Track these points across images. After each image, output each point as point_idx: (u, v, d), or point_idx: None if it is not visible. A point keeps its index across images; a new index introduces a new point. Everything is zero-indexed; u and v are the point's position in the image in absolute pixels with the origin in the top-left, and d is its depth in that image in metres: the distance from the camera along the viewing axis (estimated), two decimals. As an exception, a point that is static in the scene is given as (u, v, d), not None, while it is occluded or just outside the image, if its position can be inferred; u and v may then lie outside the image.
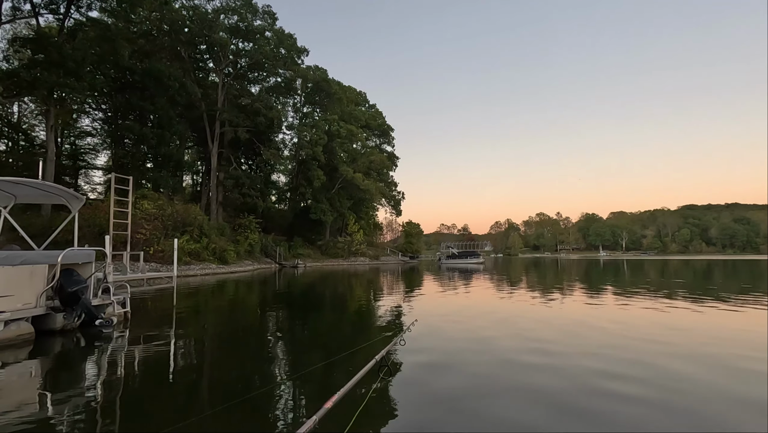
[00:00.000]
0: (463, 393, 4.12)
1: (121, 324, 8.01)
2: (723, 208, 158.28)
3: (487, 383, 4.48)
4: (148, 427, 3.61)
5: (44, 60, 22.76)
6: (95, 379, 4.99)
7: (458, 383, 4.45)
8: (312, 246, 49.10)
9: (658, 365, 5.14)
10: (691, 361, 5.40)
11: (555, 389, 4.24)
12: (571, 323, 8.26)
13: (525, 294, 14.48)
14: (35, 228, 15.73)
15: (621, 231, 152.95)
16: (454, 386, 4.35)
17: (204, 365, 5.75)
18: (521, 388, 4.30)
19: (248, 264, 32.91)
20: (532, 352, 5.86)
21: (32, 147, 33.06)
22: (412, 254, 69.16)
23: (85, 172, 37.85)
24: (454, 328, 7.85)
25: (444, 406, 3.78)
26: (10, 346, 6.10)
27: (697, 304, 11.02)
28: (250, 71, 41.71)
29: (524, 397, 4.03)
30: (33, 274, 6.79)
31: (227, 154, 39.83)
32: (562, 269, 35.82)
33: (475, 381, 4.52)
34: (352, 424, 2.98)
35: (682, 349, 6.08)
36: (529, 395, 4.09)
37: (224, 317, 10.42)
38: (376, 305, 12.33)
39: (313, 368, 5.06)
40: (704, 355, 5.72)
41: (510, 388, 4.32)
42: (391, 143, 64.98)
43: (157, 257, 22.67)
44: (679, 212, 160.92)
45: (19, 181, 7.88)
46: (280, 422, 3.56)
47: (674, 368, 5.04)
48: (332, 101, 50.52)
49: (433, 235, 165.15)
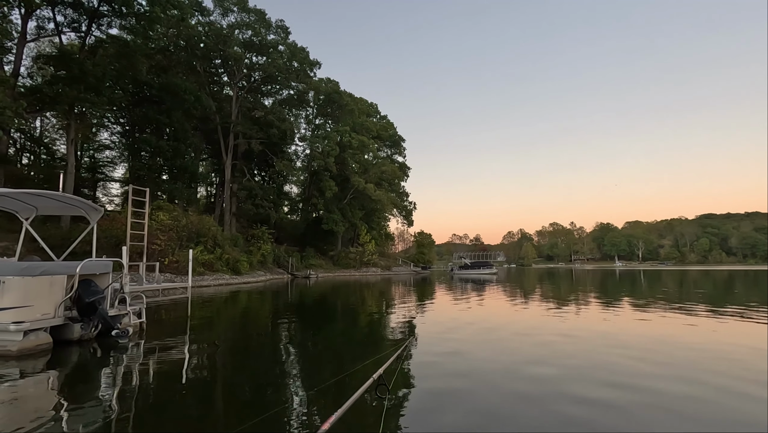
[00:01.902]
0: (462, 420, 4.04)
1: (136, 334, 8.08)
2: (743, 217, 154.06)
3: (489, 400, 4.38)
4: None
5: (66, 76, 23.49)
6: (111, 389, 5.02)
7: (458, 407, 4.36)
8: (324, 256, 49.23)
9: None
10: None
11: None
12: (595, 337, 8.08)
13: (541, 306, 14.24)
14: (54, 239, 16.06)
15: (637, 241, 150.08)
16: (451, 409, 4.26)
17: (217, 376, 5.74)
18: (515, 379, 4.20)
19: (261, 275, 33.09)
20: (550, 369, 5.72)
21: (53, 160, 34.00)
22: (424, 265, 68.77)
23: (103, 185, 38.76)
24: (456, 346, 7.72)
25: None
26: (28, 356, 6.19)
27: (733, 318, 10.70)
28: (263, 84, 42.46)
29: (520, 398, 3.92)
30: (52, 284, 6.91)
31: (241, 165, 40.40)
32: (577, 279, 35.20)
33: (480, 410, 4.43)
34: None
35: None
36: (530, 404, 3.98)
37: (237, 328, 10.45)
38: (387, 317, 12.23)
39: (322, 385, 5.02)
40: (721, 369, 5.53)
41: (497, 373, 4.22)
42: (402, 154, 65.24)
43: (172, 267, 22.93)
44: (697, 221, 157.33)
45: (40, 193, 8.09)
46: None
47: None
48: (344, 113, 51.03)
49: (445, 245, 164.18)
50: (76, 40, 28.94)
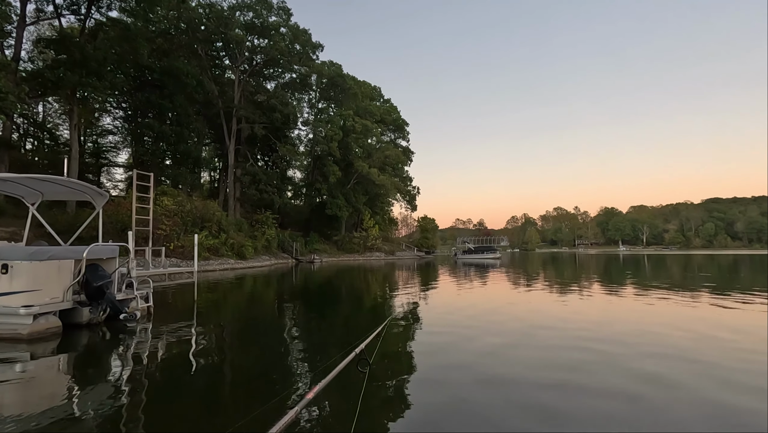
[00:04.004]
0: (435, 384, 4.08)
1: (144, 318, 8.19)
2: (750, 201, 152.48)
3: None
4: (172, 419, 3.67)
5: (67, 60, 23.30)
6: (122, 371, 5.11)
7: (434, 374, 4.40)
8: (328, 241, 49.39)
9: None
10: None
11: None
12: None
13: (546, 292, 14.28)
14: (61, 225, 16.17)
15: (642, 225, 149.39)
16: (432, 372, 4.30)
17: (225, 358, 5.82)
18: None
19: (266, 259, 33.31)
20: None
21: (57, 145, 34.05)
22: (428, 249, 68.86)
23: (107, 170, 38.87)
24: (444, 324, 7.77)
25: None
26: (39, 339, 6.29)
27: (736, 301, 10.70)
28: (265, 68, 41.97)
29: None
30: (60, 269, 6.97)
31: (244, 150, 40.27)
32: (581, 264, 35.22)
33: (455, 371, 4.47)
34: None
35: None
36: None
37: (243, 312, 10.57)
38: (391, 300, 12.31)
39: (318, 363, 5.08)
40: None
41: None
42: (406, 138, 64.71)
43: (178, 252, 23.11)
44: (703, 206, 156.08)
45: (45, 178, 8.09)
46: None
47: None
48: (347, 96, 50.48)
49: (448, 230, 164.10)
50: (75, 23, 28.63)
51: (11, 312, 6.23)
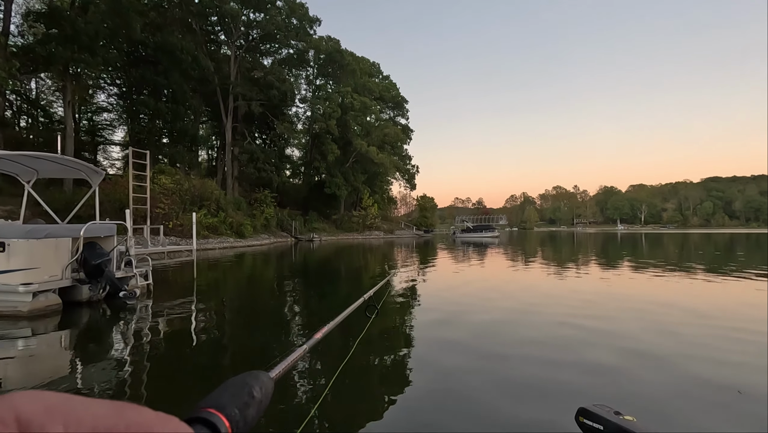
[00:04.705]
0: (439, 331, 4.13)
1: (144, 296, 8.22)
2: (749, 180, 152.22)
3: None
4: (174, 393, 3.71)
5: (58, 35, 22.70)
6: (123, 347, 5.15)
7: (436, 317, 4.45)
8: (327, 220, 49.40)
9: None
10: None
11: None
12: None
13: (541, 268, 14.37)
14: (58, 203, 16.06)
15: (640, 204, 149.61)
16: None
17: (225, 334, 5.87)
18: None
19: (265, 238, 33.37)
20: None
21: (51, 123, 33.51)
22: (427, 228, 69.01)
23: (103, 148, 38.38)
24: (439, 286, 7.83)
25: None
26: (40, 316, 6.32)
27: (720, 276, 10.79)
28: (261, 43, 41.03)
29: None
30: (57, 247, 6.95)
31: (241, 128, 39.78)
32: (578, 242, 35.40)
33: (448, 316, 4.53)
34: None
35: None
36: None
37: (243, 289, 10.63)
38: (391, 278, 12.38)
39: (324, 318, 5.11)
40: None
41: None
42: (405, 116, 63.91)
43: (177, 231, 23.10)
44: (702, 185, 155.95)
45: (39, 155, 7.98)
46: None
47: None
48: (345, 73, 49.55)
49: (447, 209, 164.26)
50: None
51: (10, 290, 6.24)
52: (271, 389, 0.35)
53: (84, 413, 0.19)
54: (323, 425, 3.06)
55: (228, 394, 0.32)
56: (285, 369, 0.69)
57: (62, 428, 0.18)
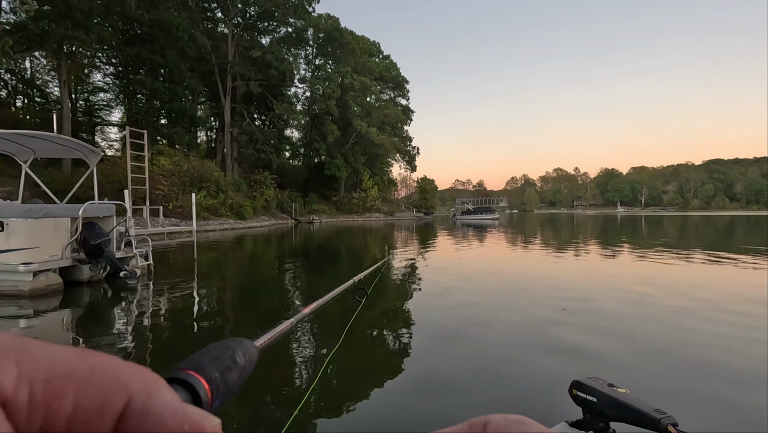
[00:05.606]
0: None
1: (144, 276, 8.26)
2: (751, 162, 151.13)
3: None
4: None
5: (51, 11, 22.21)
6: (125, 325, 5.20)
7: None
8: (327, 202, 49.34)
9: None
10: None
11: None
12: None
13: (539, 248, 14.42)
14: (57, 184, 16.01)
15: (641, 187, 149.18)
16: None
17: (226, 313, 5.92)
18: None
19: (265, 219, 33.40)
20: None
21: (48, 103, 33.09)
22: (427, 210, 68.98)
23: (101, 129, 38.01)
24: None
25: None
26: (41, 295, 6.36)
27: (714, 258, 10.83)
28: (259, 21, 40.16)
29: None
30: (56, 226, 6.95)
31: (240, 109, 39.34)
32: (578, 224, 35.45)
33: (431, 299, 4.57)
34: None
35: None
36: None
37: (244, 269, 10.69)
38: (390, 259, 12.43)
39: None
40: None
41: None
42: (405, 96, 63.07)
43: (176, 212, 23.10)
44: (704, 167, 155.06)
45: (35, 134, 7.92)
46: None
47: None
48: (345, 52, 48.70)
49: (447, 191, 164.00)
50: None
51: (11, 269, 6.26)
52: (255, 357, 0.34)
53: (41, 354, 0.16)
54: (319, 405, 3.09)
55: (209, 356, 0.30)
56: (270, 339, 0.68)
57: (14, 367, 0.15)
